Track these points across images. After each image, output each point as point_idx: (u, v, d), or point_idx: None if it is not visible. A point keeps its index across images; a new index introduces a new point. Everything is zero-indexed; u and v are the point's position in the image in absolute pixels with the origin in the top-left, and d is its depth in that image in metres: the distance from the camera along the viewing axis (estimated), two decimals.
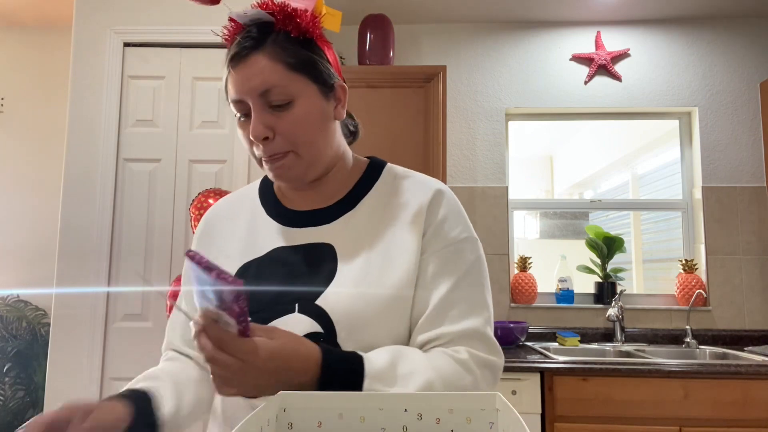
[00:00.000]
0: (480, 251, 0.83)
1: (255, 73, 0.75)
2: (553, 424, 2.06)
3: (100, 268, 2.40)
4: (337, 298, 0.75)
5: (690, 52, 2.92)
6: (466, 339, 0.75)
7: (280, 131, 0.77)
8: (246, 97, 0.77)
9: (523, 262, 2.83)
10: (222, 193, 2.12)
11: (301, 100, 0.77)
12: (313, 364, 0.67)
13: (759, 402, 2.01)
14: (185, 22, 2.49)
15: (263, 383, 0.64)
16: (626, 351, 2.46)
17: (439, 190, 0.84)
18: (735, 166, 2.83)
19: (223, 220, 0.92)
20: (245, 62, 0.76)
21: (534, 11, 2.88)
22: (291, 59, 0.77)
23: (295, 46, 0.78)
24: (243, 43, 0.77)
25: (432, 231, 0.80)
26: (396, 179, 0.87)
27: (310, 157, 0.80)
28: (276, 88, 0.76)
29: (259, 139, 0.76)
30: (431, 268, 0.78)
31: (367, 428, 0.58)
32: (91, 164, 2.45)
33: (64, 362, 2.35)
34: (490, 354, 0.76)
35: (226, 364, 0.61)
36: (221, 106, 2.50)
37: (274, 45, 0.77)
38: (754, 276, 2.74)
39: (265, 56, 0.76)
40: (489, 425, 0.57)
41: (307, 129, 0.78)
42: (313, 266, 0.79)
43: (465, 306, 0.77)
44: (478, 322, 0.77)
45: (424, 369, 0.71)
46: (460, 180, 2.90)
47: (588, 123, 3.21)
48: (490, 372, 0.76)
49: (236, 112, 0.80)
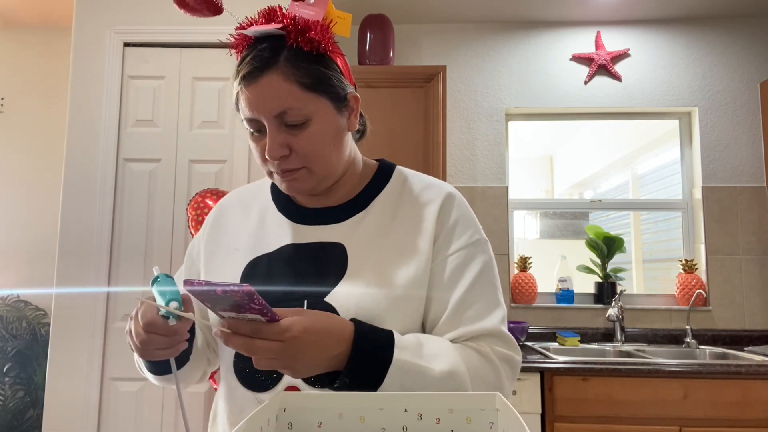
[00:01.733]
0: (490, 251, 0.85)
1: (270, 95, 0.74)
2: (553, 424, 2.06)
3: (100, 268, 2.40)
4: (347, 296, 0.75)
5: (690, 52, 2.92)
6: (485, 337, 0.78)
7: (296, 149, 0.77)
8: (260, 117, 0.76)
9: (523, 262, 2.83)
10: (219, 194, 2.12)
11: (316, 119, 0.77)
12: (348, 334, 0.69)
13: (759, 402, 2.01)
14: (185, 22, 2.49)
15: (306, 360, 0.65)
16: (626, 351, 2.46)
17: (450, 194, 0.86)
18: (735, 166, 2.83)
19: (235, 212, 0.92)
20: (258, 82, 0.74)
21: (534, 11, 2.88)
22: (305, 79, 0.75)
23: (308, 62, 0.76)
24: (255, 63, 0.75)
25: (445, 234, 0.82)
26: (406, 182, 0.88)
27: (323, 172, 0.81)
28: (292, 109, 0.75)
29: (275, 158, 0.76)
30: (447, 270, 0.80)
31: (367, 428, 0.58)
32: (91, 164, 2.45)
33: (64, 362, 2.35)
34: (509, 350, 0.78)
35: (268, 348, 0.62)
36: (221, 106, 2.50)
37: (288, 64, 0.75)
38: (754, 276, 2.74)
39: (279, 76, 0.74)
40: (489, 425, 0.57)
41: (321, 147, 0.78)
42: (323, 264, 0.80)
43: (481, 306, 0.79)
44: (495, 321, 0.79)
45: (450, 353, 0.73)
46: (460, 180, 2.90)
47: (588, 123, 3.21)
48: (510, 367, 0.77)
49: (248, 128, 0.79)
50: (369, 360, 0.69)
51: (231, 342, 0.63)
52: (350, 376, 0.68)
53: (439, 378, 0.70)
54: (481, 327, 0.77)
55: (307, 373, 0.67)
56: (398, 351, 0.70)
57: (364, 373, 0.68)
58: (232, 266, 0.84)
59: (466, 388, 0.72)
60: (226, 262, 0.86)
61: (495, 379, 0.75)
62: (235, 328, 0.62)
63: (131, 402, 2.36)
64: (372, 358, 0.69)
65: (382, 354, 0.69)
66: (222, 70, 2.49)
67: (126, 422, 2.35)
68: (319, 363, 0.67)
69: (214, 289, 0.56)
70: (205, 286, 0.57)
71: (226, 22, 0.82)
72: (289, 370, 0.65)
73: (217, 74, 2.49)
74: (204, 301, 0.60)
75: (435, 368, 0.71)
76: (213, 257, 0.88)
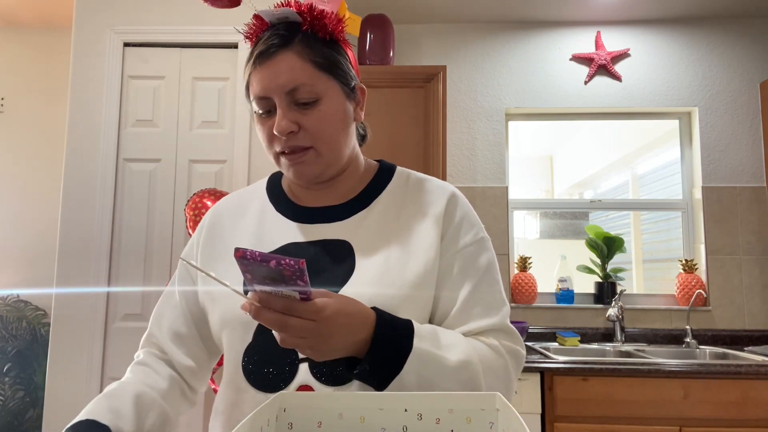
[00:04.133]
0: (492, 249, 0.87)
1: (283, 70, 0.76)
2: (553, 424, 2.06)
3: (100, 268, 2.40)
4: (358, 295, 0.75)
5: (690, 52, 2.92)
6: (493, 332, 0.80)
7: (306, 127, 0.78)
8: (272, 94, 0.77)
9: (523, 262, 2.83)
10: (217, 194, 2.12)
11: (326, 99, 0.79)
12: (371, 320, 0.69)
13: (759, 402, 2.01)
14: (185, 22, 2.49)
15: (334, 342, 0.65)
16: (626, 351, 2.46)
17: (454, 194, 0.87)
18: (735, 166, 2.83)
19: (232, 215, 0.91)
20: (273, 59, 0.77)
21: (534, 11, 2.88)
22: (319, 59, 0.78)
23: (321, 46, 0.79)
24: (271, 41, 0.77)
25: (452, 232, 0.83)
26: (409, 181, 0.89)
27: (330, 155, 0.81)
28: (304, 86, 0.77)
29: (284, 133, 0.77)
30: (456, 267, 0.81)
31: (367, 428, 0.58)
32: (91, 164, 2.45)
33: (64, 362, 2.35)
34: (515, 344, 0.81)
35: (301, 327, 0.62)
36: (221, 106, 2.50)
37: (302, 44, 0.78)
38: (754, 276, 2.74)
39: (294, 54, 0.77)
40: (489, 425, 0.57)
41: (330, 127, 0.80)
42: (330, 262, 0.79)
43: (488, 302, 0.81)
44: (500, 317, 0.81)
45: (464, 344, 0.75)
46: (460, 180, 2.90)
47: (588, 123, 3.21)
48: (516, 360, 0.80)
49: (258, 109, 0.80)
50: (389, 347, 0.69)
51: (262, 316, 0.62)
52: (371, 362, 0.69)
53: (455, 368, 0.71)
54: (489, 322, 0.79)
55: (332, 355, 0.67)
56: (417, 340, 0.71)
57: (384, 360, 0.69)
58: (235, 267, 0.84)
59: (478, 378, 0.73)
60: (227, 264, 0.85)
61: (503, 372, 0.77)
62: (267, 302, 0.62)
63: None
64: (393, 345, 0.69)
65: (402, 342, 0.70)
66: (222, 70, 2.49)
67: None
68: (345, 346, 0.67)
69: (268, 261, 0.56)
70: (259, 258, 0.56)
71: (226, 22, 0.83)
72: (315, 350, 0.65)
73: (217, 74, 2.49)
74: (246, 272, 0.60)
75: (451, 358, 0.72)
76: (212, 261, 0.87)
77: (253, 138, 2.45)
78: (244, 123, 2.45)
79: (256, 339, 0.77)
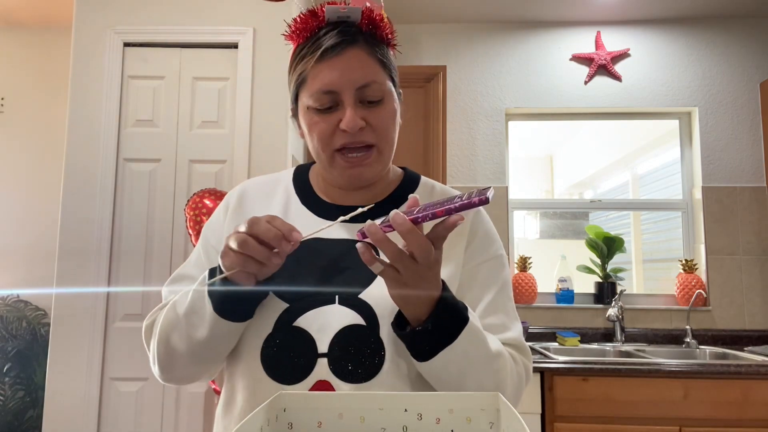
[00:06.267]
0: (508, 267, 0.90)
1: (355, 66, 0.77)
2: (553, 424, 2.06)
3: (100, 268, 2.40)
4: (384, 298, 0.74)
5: (690, 52, 2.92)
6: (508, 345, 0.82)
7: (372, 124, 0.79)
8: (342, 89, 0.77)
9: (523, 262, 2.83)
10: (217, 194, 2.11)
11: (388, 99, 0.81)
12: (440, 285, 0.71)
13: (759, 402, 2.01)
14: (185, 22, 2.49)
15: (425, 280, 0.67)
16: (626, 351, 2.46)
17: (478, 208, 0.88)
18: (735, 166, 2.83)
19: (259, 195, 0.91)
20: (343, 55, 0.77)
21: (534, 11, 2.88)
22: (384, 59, 0.81)
23: (382, 47, 0.82)
24: (341, 37, 0.78)
25: (476, 244, 0.85)
26: (434, 190, 0.92)
27: (388, 156, 0.84)
28: (375, 84, 0.78)
29: (355, 129, 0.77)
30: (479, 278, 0.84)
31: (367, 428, 0.58)
32: (91, 164, 2.45)
33: (64, 362, 2.35)
34: (528, 360, 0.84)
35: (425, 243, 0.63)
36: (221, 106, 2.50)
37: (368, 44, 0.79)
38: (754, 276, 2.74)
39: (364, 51, 0.78)
40: (489, 425, 0.57)
41: (392, 128, 0.82)
42: (355, 261, 0.78)
43: (504, 316, 0.84)
44: (516, 332, 0.84)
45: (497, 339, 0.78)
46: (460, 180, 2.90)
47: (588, 123, 3.21)
48: (527, 374, 0.83)
49: (316, 104, 0.78)
50: (451, 314, 0.71)
51: (399, 216, 0.62)
52: (434, 322, 0.69)
53: (493, 355, 0.74)
54: (506, 336, 0.81)
55: (412, 287, 0.67)
56: (472, 316, 0.73)
57: (445, 324, 0.70)
58: None
59: (506, 371, 0.76)
60: None
61: (518, 379, 0.80)
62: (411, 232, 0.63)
63: (131, 402, 2.35)
64: (455, 313, 0.71)
65: (462, 313, 0.72)
66: (222, 70, 2.49)
67: (126, 422, 2.34)
68: (423, 291, 0.68)
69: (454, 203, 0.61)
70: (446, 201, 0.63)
71: (227, 22, 0.82)
72: (406, 275, 0.65)
73: (218, 74, 2.49)
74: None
75: (491, 345, 0.74)
76: None
77: (253, 138, 2.44)
78: (244, 123, 2.45)
79: (276, 329, 0.77)
